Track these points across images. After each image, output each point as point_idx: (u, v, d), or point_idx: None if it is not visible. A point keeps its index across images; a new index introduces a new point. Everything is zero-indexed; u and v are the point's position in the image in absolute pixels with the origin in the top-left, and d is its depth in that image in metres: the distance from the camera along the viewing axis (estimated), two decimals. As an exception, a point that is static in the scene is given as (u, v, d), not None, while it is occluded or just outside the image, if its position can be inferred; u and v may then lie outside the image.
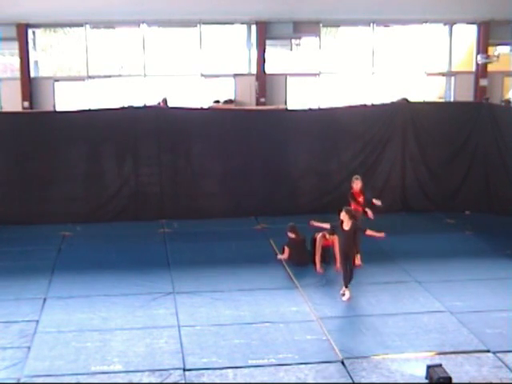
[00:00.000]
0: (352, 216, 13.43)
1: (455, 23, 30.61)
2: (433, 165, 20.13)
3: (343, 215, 13.37)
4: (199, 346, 11.29)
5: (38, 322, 12.27)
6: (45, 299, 13.36)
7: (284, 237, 15.81)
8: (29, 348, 11.21)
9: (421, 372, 10.08)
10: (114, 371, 10.44)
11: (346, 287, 13.45)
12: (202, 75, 29.42)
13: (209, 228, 18.41)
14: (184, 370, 10.46)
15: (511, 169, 19.43)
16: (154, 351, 11.09)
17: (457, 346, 11.25)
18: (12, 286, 14.04)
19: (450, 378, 9.55)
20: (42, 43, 30.31)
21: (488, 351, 11.07)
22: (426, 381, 9.78)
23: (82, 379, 10.19)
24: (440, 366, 9.87)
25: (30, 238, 17.47)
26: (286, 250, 15.65)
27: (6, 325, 12.14)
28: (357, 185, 15.68)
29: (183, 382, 10.12)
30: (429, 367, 9.89)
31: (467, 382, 9.83)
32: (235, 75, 29.63)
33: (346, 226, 13.33)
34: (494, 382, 9.65)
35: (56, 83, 29.17)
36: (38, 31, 29.51)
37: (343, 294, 13.46)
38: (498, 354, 10.92)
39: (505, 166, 19.56)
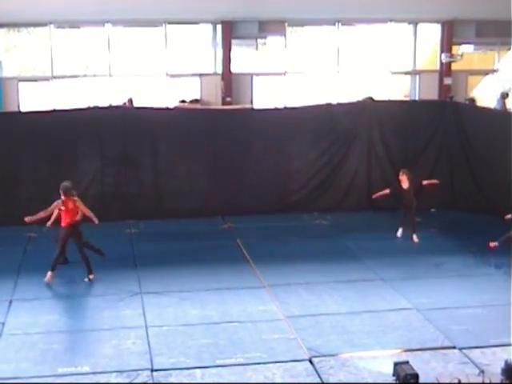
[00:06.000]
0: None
1: (419, 22, 30.79)
2: (398, 163, 20.22)
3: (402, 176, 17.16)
4: (167, 346, 11.26)
5: (3, 324, 12.13)
6: (11, 301, 13.22)
7: (250, 237, 15.82)
8: (-6, 351, 11.11)
9: (388, 369, 10.08)
10: (82, 373, 10.36)
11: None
12: (168, 75, 29.30)
13: (175, 228, 18.38)
14: (152, 370, 10.41)
15: (475, 166, 19.63)
16: (122, 352, 11.03)
17: (423, 343, 11.34)
18: (-23, 289, 13.89)
19: (416, 375, 9.61)
20: (6, 43, 30.00)
21: (454, 347, 11.17)
22: (394, 378, 9.84)
23: (48, 381, 10.09)
24: (407, 362, 9.91)
25: (-5, 240, 17.29)
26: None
27: (-29, 328, 12.02)
28: None
29: (151, 382, 10.08)
30: (396, 364, 9.91)
31: (434, 378, 9.88)
32: (201, 75, 29.56)
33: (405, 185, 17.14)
34: (460, 378, 9.69)
35: (20, 83, 28.89)
36: (2, 31, 29.15)
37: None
38: (464, 351, 11.02)
39: (469, 164, 19.77)
